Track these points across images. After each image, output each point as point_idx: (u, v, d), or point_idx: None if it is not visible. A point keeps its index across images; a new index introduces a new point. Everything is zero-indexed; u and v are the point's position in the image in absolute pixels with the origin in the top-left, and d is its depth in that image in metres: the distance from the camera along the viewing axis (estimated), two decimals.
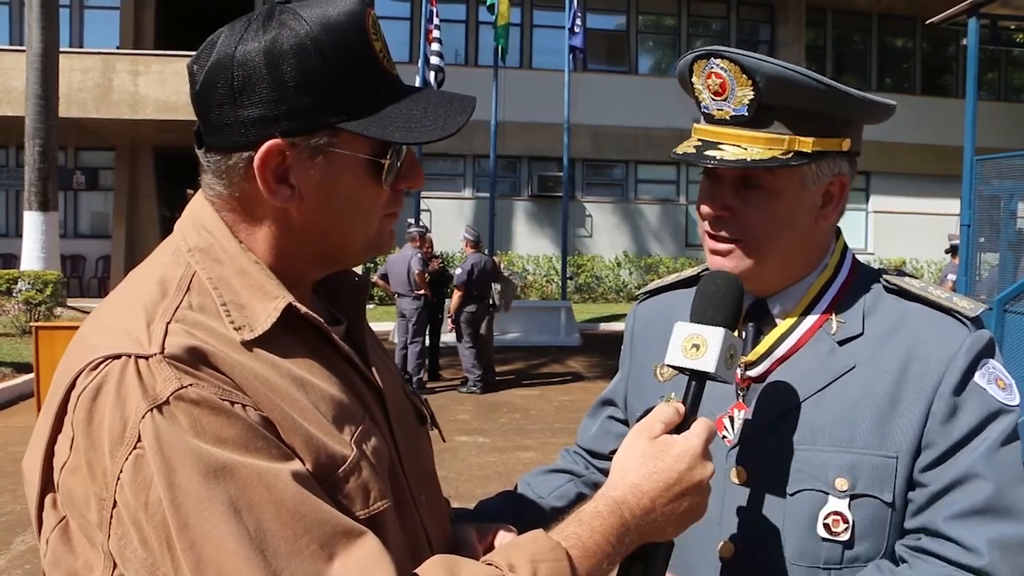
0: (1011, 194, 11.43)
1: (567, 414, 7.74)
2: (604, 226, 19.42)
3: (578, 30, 14.04)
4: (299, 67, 0.78)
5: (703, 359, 0.94)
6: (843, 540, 1.01)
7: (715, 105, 1.05)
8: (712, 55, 1.03)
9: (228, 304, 0.80)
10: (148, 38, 17.61)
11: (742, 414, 1.10)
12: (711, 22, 20.51)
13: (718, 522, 1.09)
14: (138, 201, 17.50)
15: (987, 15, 11.59)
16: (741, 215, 1.06)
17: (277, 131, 0.79)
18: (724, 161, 1.03)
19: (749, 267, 1.07)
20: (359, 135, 0.81)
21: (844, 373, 1.06)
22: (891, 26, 21.13)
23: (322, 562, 0.71)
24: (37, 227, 12.01)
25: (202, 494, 0.69)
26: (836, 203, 1.09)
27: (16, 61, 14.00)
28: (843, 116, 1.05)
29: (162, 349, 0.74)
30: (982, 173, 10.56)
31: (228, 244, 0.84)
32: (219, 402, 0.73)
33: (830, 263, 1.13)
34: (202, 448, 0.70)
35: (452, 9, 18.07)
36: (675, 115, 19.47)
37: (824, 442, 1.03)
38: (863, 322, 1.08)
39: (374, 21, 0.84)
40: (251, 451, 0.72)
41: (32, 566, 4.10)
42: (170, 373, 0.72)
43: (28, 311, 10.52)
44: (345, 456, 0.79)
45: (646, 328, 1.30)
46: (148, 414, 0.70)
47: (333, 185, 0.82)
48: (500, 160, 16.64)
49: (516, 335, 12.48)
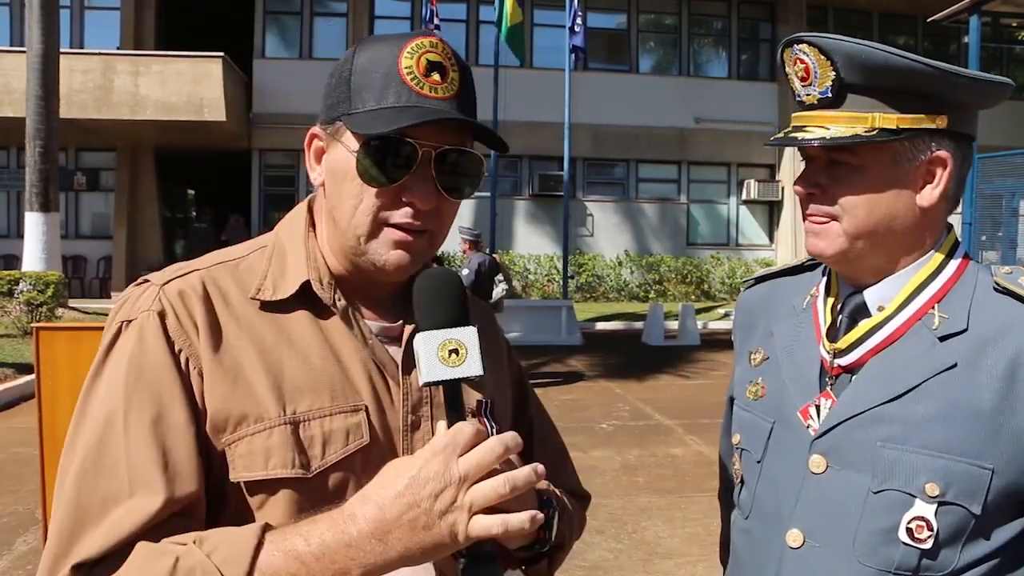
0: (1013, 192, 11.42)
1: (569, 413, 7.73)
2: (605, 225, 19.42)
3: (578, 29, 14.02)
4: (339, 75, 0.95)
5: (468, 363, 0.83)
6: (925, 548, 0.98)
7: (804, 91, 1.07)
8: (796, 41, 1.06)
9: (270, 271, 0.96)
10: (148, 39, 17.60)
11: (828, 403, 1.08)
12: (712, 21, 20.49)
13: (791, 510, 1.07)
14: (139, 202, 17.51)
15: (988, 12, 11.57)
16: (831, 192, 1.06)
17: (319, 122, 0.98)
18: (807, 140, 1.04)
19: (842, 247, 1.06)
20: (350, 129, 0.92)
21: (943, 371, 1.01)
22: (892, 24, 21.11)
23: (114, 504, 0.82)
24: (38, 228, 12.01)
25: (92, 393, 0.87)
26: (940, 183, 1.05)
27: (17, 62, 13.99)
28: (935, 92, 1.02)
29: (164, 282, 0.92)
30: (983, 171, 10.55)
31: (298, 226, 1.01)
32: (161, 334, 0.88)
33: (936, 255, 1.09)
34: (121, 357, 0.88)
35: (452, 8, 18.07)
36: (676, 114, 19.50)
37: (917, 443, 1.00)
38: (968, 319, 1.03)
39: (413, 49, 0.92)
40: (153, 381, 0.86)
41: (34, 567, 4.09)
42: (154, 297, 0.90)
43: (29, 312, 10.52)
44: (263, 417, 0.87)
45: (748, 315, 1.30)
46: (124, 322, 0.90)
47: (333, 171, 0.95)
48: (501, 159, 16.63)
49: (517, 334, 12.48)
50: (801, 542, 1.06)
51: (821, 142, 1.03)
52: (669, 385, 9.36)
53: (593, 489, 1.24)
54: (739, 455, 1.20)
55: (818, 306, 1.16)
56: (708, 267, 19.52)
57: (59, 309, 11.22)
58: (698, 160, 19.79)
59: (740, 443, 1.20)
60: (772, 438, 1.13)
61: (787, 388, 1.13)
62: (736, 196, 20.25)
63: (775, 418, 1.14)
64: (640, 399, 8.48)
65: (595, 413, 7.80)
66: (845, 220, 1.06)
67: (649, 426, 7.28)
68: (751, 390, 1.20)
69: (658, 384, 9.42)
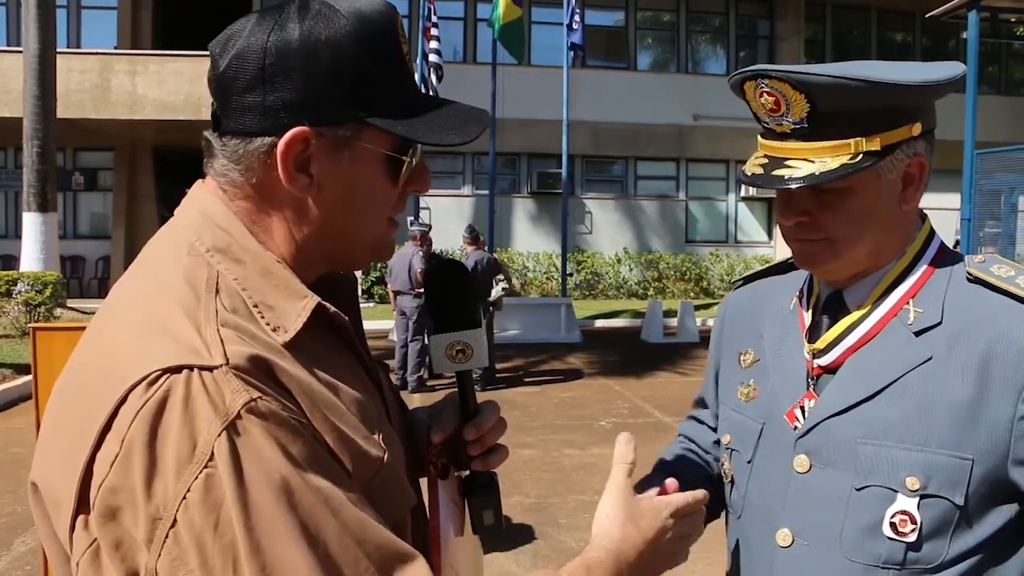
0: (1012, 188, 11.43)
1: (567, 411, 7.74)
2: (604, 223, 19.42)
3: (577, 26, 14.01)
4: (333, 58, 0.79)
5: (474, 359, 0.98)
6: (909, 541, 0.99)
7: (774, 120, 1.04)
8: (759, 75, 1.02)
9: (259, 305, 0.78)
10: (146, 38, 17.58)
11: (812, 403, 1.09)
12: (710, 18, 20.48)
13: (780, 509, 1.08)
14: (137, 201, 17.50)
15: (987, 8, 11.58)
16: (820, 219, 1.05)
17: (305, 119, 0.79)
18: (793, 179, 1.01)
19: (838, 263, 1.07)
20: (385, 131, 0.82)
21: (919, 365, 1.02)
22: (891, 20, 21.11)
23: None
24: (36, 228, 12.00)
25: (275, 516, 0.68)
26: (917, 184, 1.06)
27: (14, 62, 13.97)
28: (910, 104, 1.02)
29: (226, 359, 0.70)
30: (983, 167, 10.57)
31: (248, 243, 0.81)
32: (286, 417, 0.71)
33: (910, 250, 1.09)
34: (274, 467, 0.69)
35: (450, 6, 18.05)
36: (674, 111, 19.48)
37: (896, 438, 1.01)
38: (942, 312, 1.04)
39: (401, 24, 0.86)
40: (316, 469, 0.71)
41: (32, 567, 4.09)
42: (238, 385, 0.70)
43: (28, 312, 10.51)
44: (380, 459, 0.80)
45: (736, 315, 1.30)
46: (224, 432, 0.68)
47: (352, 178, 0.82)
48: (499, 157, 16.63)
49: (516, 332, 12.48)
50: (790, 541, 1.07)
51: (812, 180, 1.00)
52: (668, 382, 9.36)
53: (592, 487, 1.25)
54: (729, 455, 1.21)
55: (802, 308, 1.17)
56: (707, 264, 19.53)
57: (57, 309, 11.21)
58: (697, 157, 19.79)
59: (730, 443, 1.21)
60: (762, 439, 1.14)
61: (776, 390, 1.14)
62: (735, 193, 20.25)
63: (765, 419, 1.14)
64: (639, 396, 8.48)
65: (594, 410, 7.79)
66: (838, 242, 1.05)
67: (648, 423, 7.27)
68: (743, 392, 1.20)
69: (657, 381, 9.42)
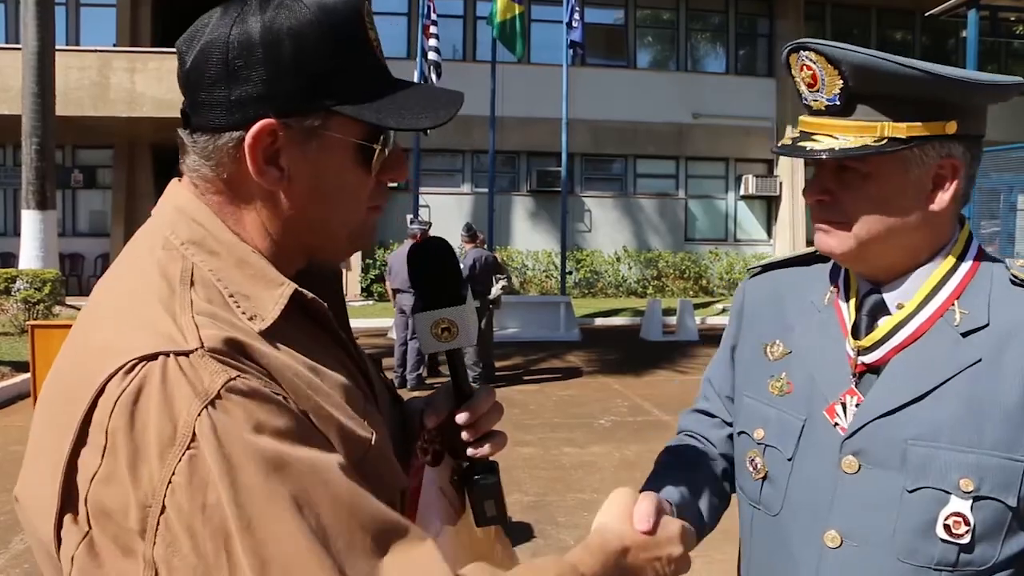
0: (1011, 187, 11.43)
1: (566, 409, 7.74)
2: (603, 221, 19.41)
3: (576, 24, 14.01)
4: (296, 48, 0.78)
5: (460, 338, 0.96)
6: (963, 543, 0.99)
7: (811, 96, 1.07)
8: (802, 47, 1.05)
9: (235, 295, 0.78)
10: (145, 36, 17.55)
11: (855, 401, 1.08)
12: (710, 16, 20.47)
13: (827, 510, 1.08)
14: (136, 199, 17.47)
15: (987, 7, 11.58)
16: (841, 198, 1.07)
17: (271, 111, 0.78)
18: (815, 151, 1.04)
19: (852, 247, 1.07)
20: (353, 119, 0.81)
21: (968, 367, 1.02)
22: (890, 19, 21.10)
23: (376, 557, 0.71)
24: (35, 226, 11.99)
25: (265, 492, 0.67)
26: (949, 188, 1.05)
27: (12, 59, 13.94)
28: (944, 100, 1.02)
29: (201, 343, 0.70)
30: (982, 166, 10.54)
31: (222, 235, 0.81)
32: (269, 393, 0.71)
33: (952, 252, 1.09)
34: (260, 442, 0.68)
35: (449, 4, 18.03)
36: (673, 109, 19.47)
37: (947, 439, 1.01)
38: (989, 314, 1.05)
39: (368, 11, 0.84)
40: (304, 443, 0.71)
41: (30, 566, 4.09)
42: (215, 366, 0.70)
43: (27, 310, 10.51)
44: (368, 440, 0.80)
45: (757, 305, 1.28)
46: (203, 411, 0.67)
47: (322, 169, 0.82)
48: (499, 155, 16.62)
49: (515, 330, 12.48)
50: (839, 542, 1.07)
51: (830, 154, 1.03)
52: (667, 381, 9.36)
53: (591, 485, 1.24)
54: (762, 451, 1.18)
55: (840, 303, 1.16)
56: (706, 263, 19.53)
57: (56, 307, 11.20)
58: (696, 155, 19.79)
59: (764, 439, 1.18)
60: (803, 436, 1.13)
61: (816, 385, 1.13)
62: (734, 191, 20.25)
63: (806, 416, 1.13)
64: (638, 395, 8.48)
65: (593, 409, 7.79)
66: (856, 225, 1.06)
67: (648, 422, 7.28)
68: (774, 385, 1.18)
69: (656, 380, 9.42)
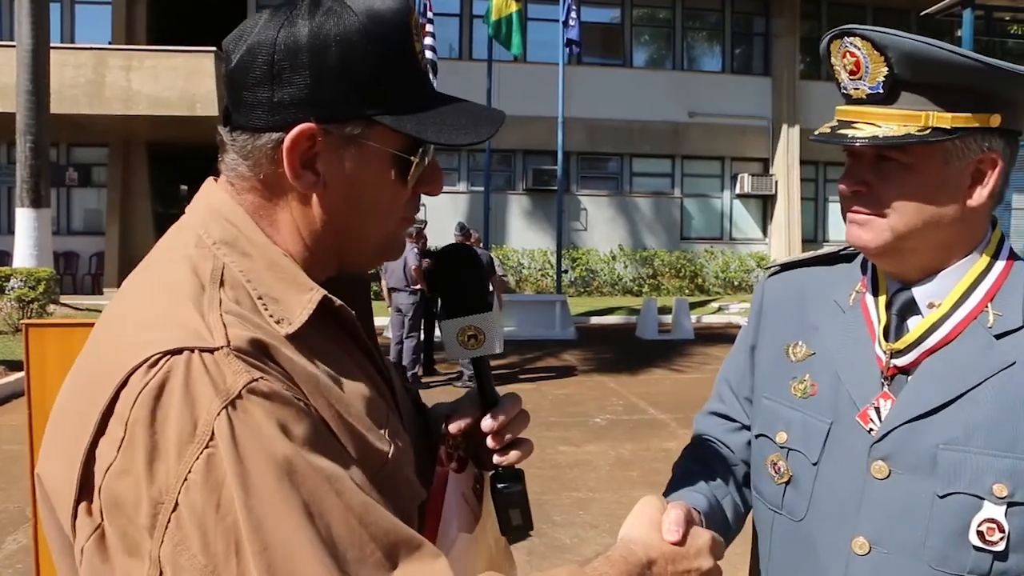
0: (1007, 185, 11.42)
1: (562, 408, 7.75)
2: (599, 219, 19.43)
3: (572, 23, 14.01)
4: (342, 55, 0.78)
5: (487, 345, 0.95)
6: (996, 551, 0.96)
7: (852, 85, 1.04)
8: (846, 33, 1.02)
9: (264, 297, 0.78)
10: (140, 33, 17.50)
11: (888, 404, 1.06)
12: (706, 15, 20.49)
13: (854, 516, 1.05)
14: (131, 197, 17.43)
15: (982, 6, 11.61)
16: (878, 190, 1.04)
17: (312, 116, 0.79)
18: (857, 139, 1.01)
19: (887, 241, 1.04)
20: (394, 130, 0.81)
21: (1003, 369, 1.00)
22: (886, 18, 21.12)
23: (386, 571, 0.71)
24: (29, 224, 11.95)
25: (277, 496, 0.67)
26: (988, 183, 1.03)
27: (7, 57, 13.88)
28: (991, 91, 1.00)
29: (227, 341, 0.71)
30: None
31: (255, 236, 0.82)
32: (289, 397, 0.71)
33: (986, 251, 1.07)
34: (276, 446, 0.68)
35: (446, 3, 18.01)
36: (669, 108, 19.49)
37: (980, 444, 0.98)
38: (1023, 316, 1.02)
39: (416, 22, 0.85)
40: (320, 451, 0.71)
41: (24, 565, 4.07)
42: (239, 366, 0.69)
43: (21, 309, 10.47)
44: (385, 454, 0.80)
45: (777, 304, 1.25)
46: (223, 410, 0.67)
47: (358, 177, 0.82)
48: (495, 154, 16.62)
49: (511, 329, 12.49)
50: (868, 549, 1.04)
51: (873, 141, 0.99)
52: (663, 379, 9.38)
53: (587, 484, 1.24)
54: (785, 455, 1.15)
55: (867, 304, 1.13)
56: (702, 261, 19.55)
57: (51, 306, 11.18)
58: (692, 154, 19.81)
59: (788, 443, 1.14)
60: (829, 440, 1.10)
61: (844, 388, 1.10)
62: (730, 190, 20.28)
63: (832, 419, 1.10)
64: (634, 393, 8.50)
65: (589, 407, 7.81)
66: (892, 217, 1.03)
67: (643, 420, 7.29)
68: (798, 387, 1.15)
69: (652, 378, 9.44)
